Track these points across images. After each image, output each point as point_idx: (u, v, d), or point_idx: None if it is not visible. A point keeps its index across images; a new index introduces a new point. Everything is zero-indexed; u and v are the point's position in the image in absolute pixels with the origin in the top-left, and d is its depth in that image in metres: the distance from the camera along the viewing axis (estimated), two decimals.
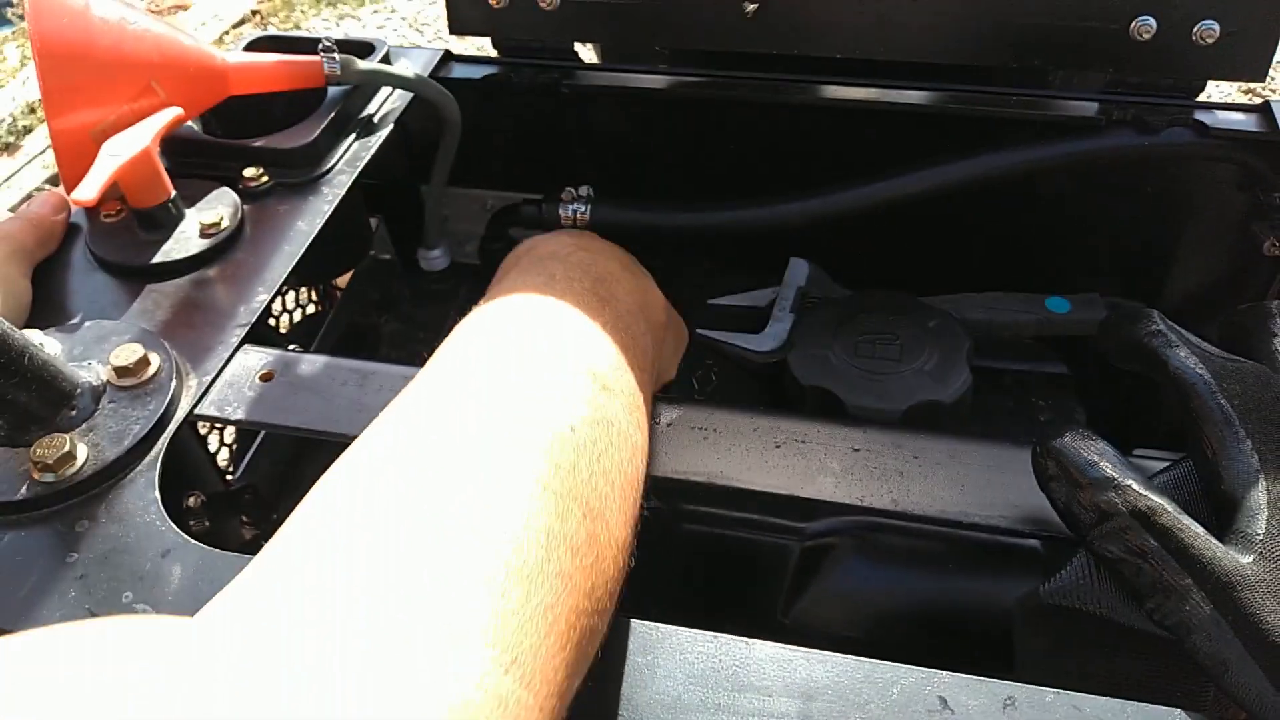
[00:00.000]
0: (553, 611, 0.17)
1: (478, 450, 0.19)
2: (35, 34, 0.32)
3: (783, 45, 0.42)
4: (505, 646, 0.16)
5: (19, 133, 1.70)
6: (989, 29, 0.40)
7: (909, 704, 0.23)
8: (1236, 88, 1.42)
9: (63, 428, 0.28)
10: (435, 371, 0.22)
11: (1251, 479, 0.24)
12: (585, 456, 0.21)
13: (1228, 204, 0.44)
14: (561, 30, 0.44)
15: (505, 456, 0.19)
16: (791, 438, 0.29)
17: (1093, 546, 0.24)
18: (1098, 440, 0.25)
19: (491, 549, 0.17)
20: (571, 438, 0.20)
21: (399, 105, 0.44)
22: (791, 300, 0.44)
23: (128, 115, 0.34)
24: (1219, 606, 0.22)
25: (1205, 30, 0.38)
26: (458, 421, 0.20)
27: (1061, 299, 0.44)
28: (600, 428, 0.22)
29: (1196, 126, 0.40)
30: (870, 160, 0.43)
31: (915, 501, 0.27)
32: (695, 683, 0.23)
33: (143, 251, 0.35)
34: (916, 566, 0.37)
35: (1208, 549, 0.23)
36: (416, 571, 0.16)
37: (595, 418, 0.22)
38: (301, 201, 0.38)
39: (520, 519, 0.18)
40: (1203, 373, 0.25)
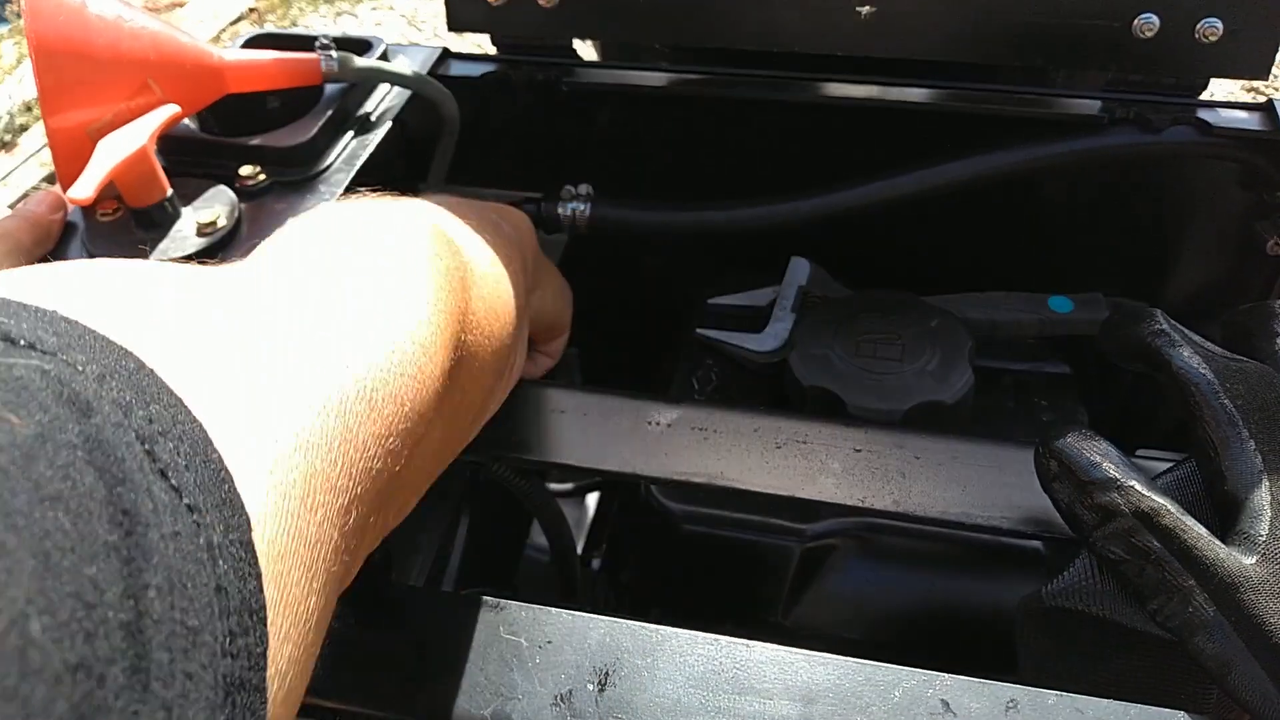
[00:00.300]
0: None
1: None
2: (31, 31, 0.32)
3: (783, 43, 0.42)
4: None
5: (15, 131, 1.69)
6: (990, 27, 0.39)
7: (911, 706, 0.22)
8: (1240, 85, 1.42)
9: None
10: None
11: (1255, 480, 0.24)
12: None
13: (1231, 203, 0.43)
14: (561, 28, 0.44)
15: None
16: (792, 438, 0.29)
17: (1095, 547, 0.24)
18: (1101, 441, 0.24)
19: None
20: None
21: (397, 103, 0.43)
22: (792, 300, 0.44)
23: (124, 113, 0.34)
24: (1222, 608, 0.22)
25: (1208, 28, 0.38)
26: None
27: (1064, 298, 0.44)
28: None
29: (1199, 125, 0.40)
30: (871, 159, 0.43)
31: (917, 502, 0.27)
32: (695, 685, 0.23)
33: (139, 250, 0.35)
34: (918, 568, 0.37)
35: (1211, 550, 0.22)
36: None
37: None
38: (299, 200, 0.37)
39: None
40: (1206, 373, 0.25)
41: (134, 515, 0.12)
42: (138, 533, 0.12)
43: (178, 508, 0.12)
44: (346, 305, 0.20)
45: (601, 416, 0.30)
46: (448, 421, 0.23)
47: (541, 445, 0.30)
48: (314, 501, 0.16)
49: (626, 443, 0.29)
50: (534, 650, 0.24)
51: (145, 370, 0.14)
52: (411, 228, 0.23)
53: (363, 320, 0.19)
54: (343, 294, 0.20)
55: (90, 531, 0.11)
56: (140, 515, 0.12)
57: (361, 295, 0.20)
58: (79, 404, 0.12)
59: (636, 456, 0.29)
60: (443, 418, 0.22)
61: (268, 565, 0.14)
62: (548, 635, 0.25)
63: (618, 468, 0.29)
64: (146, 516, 0.12)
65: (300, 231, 0.22)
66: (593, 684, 0.23)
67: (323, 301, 0.19)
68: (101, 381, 0.13)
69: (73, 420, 0.12)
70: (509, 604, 0.25)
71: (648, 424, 0.30)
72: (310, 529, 0.16)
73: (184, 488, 0.13)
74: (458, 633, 0.25)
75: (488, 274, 0.26)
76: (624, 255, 0.54)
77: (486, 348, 0.25)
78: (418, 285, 0.21)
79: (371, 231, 0.23)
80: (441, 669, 0.24)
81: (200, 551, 0.13)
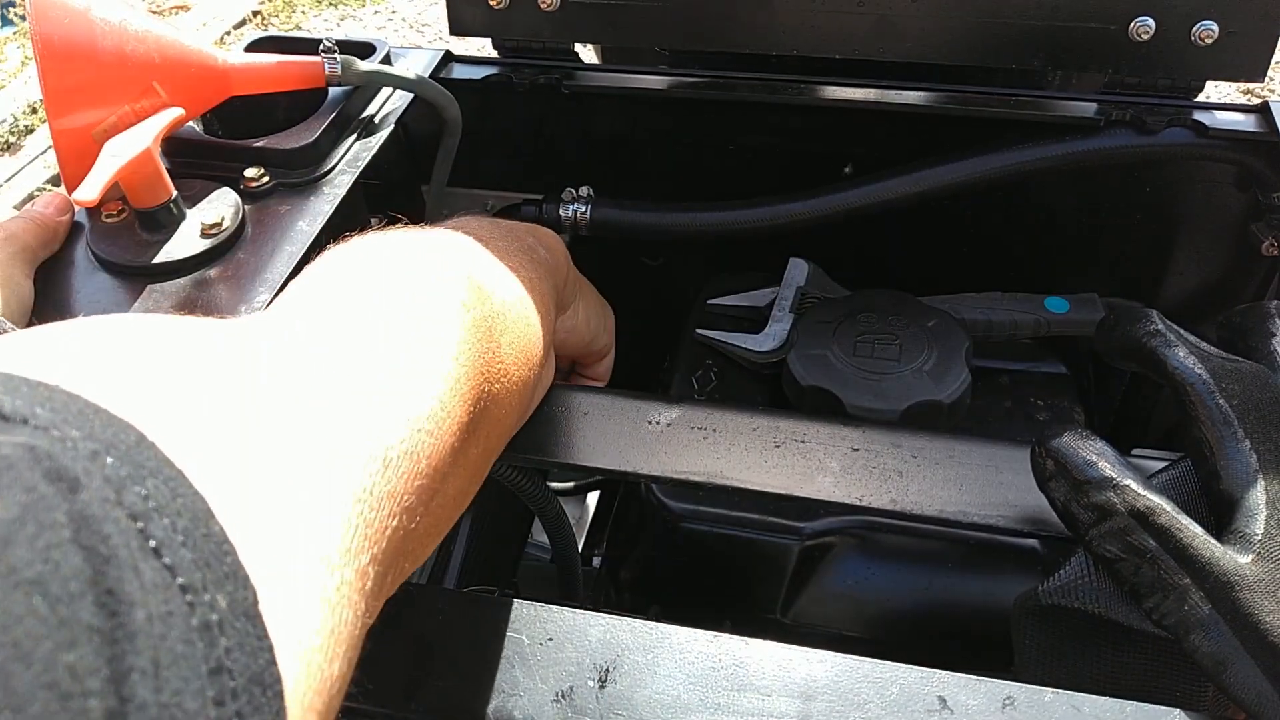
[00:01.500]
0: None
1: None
2: (37, 34, 0.32)
3: (783, 46, 0.42)
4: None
5: (20, 132, 1.70)
6: (988, 30, 0.40)
7: (908, 703, 0.23)
8: (1235, 88, 1.42)
9: None
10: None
11: (1250, 479, 0.24)
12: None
13: (1226, 204, 0.44)
14: (562, 31, 0.44)
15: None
16: (791, 437, 0.29)
17: (1091, 546, 0.24)
18: (1096, 440, 0.25)
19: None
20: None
21: (400, 106, 0.44)
22: (791, 300, 0.44)
23: (129, 116, 0.35)
24: (1217, 606, 0.22)
25: (1204, 31, 0.38)
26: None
27: (1060, 299, 0.44)
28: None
29: (1195, 127, 0.40)
30: (869, 160, 0.43)
31: (914, 501, 0.27)
32: (695, 682, 0.23)
33: (144, 251, 0.35)
34: (916, 566, 0.37)
35: (1206, 549, 0.23)
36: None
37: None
38: (303, 202, 0.38)
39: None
40: (1201, 373, 0.25)
41: (119, 596, 0.11)
42: (122, 613, 0.11)
43: (169, 587, 0.12)
44: (369, 364, 0.19)
45: (602, 416, 0.30)
46: (466, 472, 0.22)
47: (542, 444, 0.30)
48: (331, 567, 0.16)
49: (627, 442, 0.29)
50: (535, 647, 0.24)
51: (145, 444, 0.13)
52: (444, 277, 0.23)
53: (385, 381, 0.19)
54: (365, 352, 0.19)
55: (71, 615, 0.11)
56: (126, 595, 0.11)
57: (385, 352, 0.19)
58: (67, 480, 0.12)
59: (636, 455, 0.29)
60: (461, 469, 0.22)
61: (282, 639, 0.14)
62: (549, 632, 0.25)
63: (618, 466, 0.29)
64: (133, 596, 0.11)
65: (328, 279, 0.22)
66: (593, 681, 0.23)
67: (343, 361, 0.19)
68: (94, 458, 0.12)
69: (60, 498, 0.11)
70: (510, 601, 0.26)
71: (648, 423, 0.30)
72: (329, 594, 0.15)
73: (178, 565, 0.12)
74: (460, 630, 0.25)
75: (518, 318, 0.25)
76: (624, 256, 0.54)
77: (512, 393, 0.24)
78: (445, 341, 0.21)
79: (402, 281, 0.22)
80: (443, 666, 0.24)
81: (192, 633, 0.12)
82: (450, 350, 0.21)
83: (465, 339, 0.22)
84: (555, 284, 0.30)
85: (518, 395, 0.25)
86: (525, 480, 0.37)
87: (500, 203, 0.50)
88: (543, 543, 0.50)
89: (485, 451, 0.24)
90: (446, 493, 0.21)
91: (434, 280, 0.23)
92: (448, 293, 0.22)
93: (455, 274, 0.23)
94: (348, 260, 0.23)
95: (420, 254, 0.24)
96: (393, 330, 0.20)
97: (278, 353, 0.18)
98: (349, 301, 0.21)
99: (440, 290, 0.22)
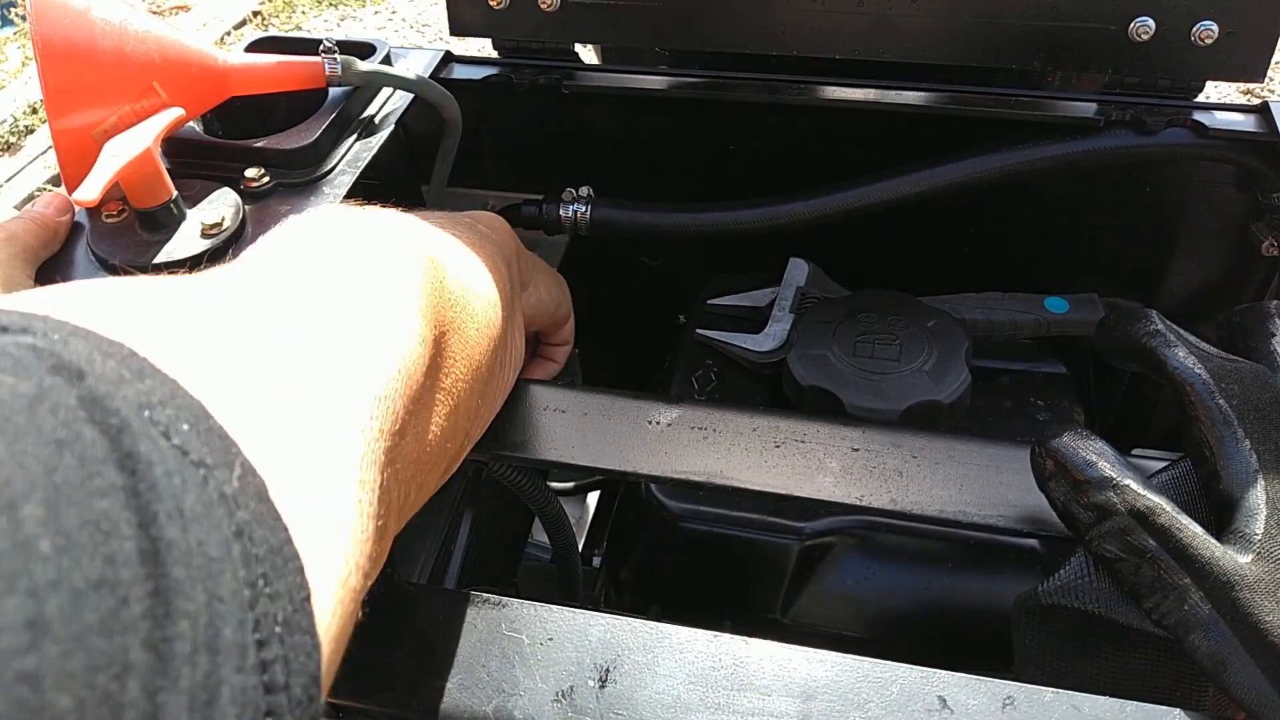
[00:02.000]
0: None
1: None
2: (37, 35, 0.32)
3: (783, 46, 0.42)
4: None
5: (21, 133, 1.70)
6: (988, 30, 0.40)
7: (908, 703, 0.23)
8: (1235, 88, 1.42)
9: None
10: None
11: (1250, 479, 0.24)
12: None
13: (1226, 204, 0.44)
14: (562, 31, 0.44)
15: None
16: (791, 437, 0.29)
17: (1091, 546, 0.24)
18: (1096, 440, 0.25)
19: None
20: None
21: (400, 106, 0.44)
22: (791, 300, 0.44)
23: (129, 116, 0.35)
24: (1217, 606, 0.22)
25: (1204, 31, 0.38)
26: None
27: (1060, 299, 0.44)
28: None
29: (1195, 127, 0.40)
30: (869, 160, 0.43)
31: (914, 501, 0.27)
32: (695, 682, 0.23)
33: (144, 252, 0.35)
34: (916, 566, 0.37)
35: (1206, 548, 0.23)
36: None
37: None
38: (303, 202, 0.38)
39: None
40: (1201, 373, 0.25)
41: (137, 458, 0.12)
42: (141, 472, 0.12)
43: (182, 459, 0.13)
44: (348, 311, 0.20)
45: (601, 416, 0.30)
46: (445, 407, 0.24)
47: (542, 444, 0.30)
48: (336, 467, 0.16)
49: (626, 442, 0.29)
50: (535, 647, 0.24)
51: (137, 356, 0.14)
52: (402, 248, 0.24)
53: (366, 325, 0.20)
54: (344, 301, 0.21)
55: (96, 472, 0.11)
56: (143, 456, 0.12)
57: (362, 303, 0.21)
58: (72, 371, 0.12)
59: (636, 455, 0.29)
60: (441, 400, 0.23)
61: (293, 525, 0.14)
62: (549, 632, 0.25)
63: (618, 466, 0.29)
64: (151, 457, 0.12)
65: (304, 236, 0.23)
66: (593, 680, 0.23)
67: (326, 307, 0.20)
68: (91, 361, 0.13)
69: (68, 385, 0.12)
70: (510, 601, 0.26)
71: (647, 423, 0.30)
72: (339, 491, 0.16)
73: (187, 445, 0.13)
74: (460, 630, 0.25)
75: (469, 284, 0.27)
76: (624, 256, 0.54)
77: (473, 343, 0.26)
78: (408, 301, 0.22)
79: (368, 249, 0.23)
80: (444, 666, 0.24)
81: (211, 495, 0.13)
82: (414, 306, 0.22)
83: (425, 295, 0.23)
84: (508, 260, 0.32)
85: (480, 345, 0.26)
86: (525, 480, 0.37)
87: (500, 203, 0.50)
88: (543, 543, 0.50)
89: (460, 390, 0.25)
90: (434, 421, 0.23)
91: (394, 248, 0.24)
92: (408, 262, 0.24)
93: (412, 248, 0.25)
94: (312, 229, 0.24)
95: (380, 227, 0.25)
96: (363, 288, 0.22)
97: (263, 298, 0.19)
98: (324, 260, 0.22)
99: (401, 259, 0.24)
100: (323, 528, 0.15)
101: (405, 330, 0.21)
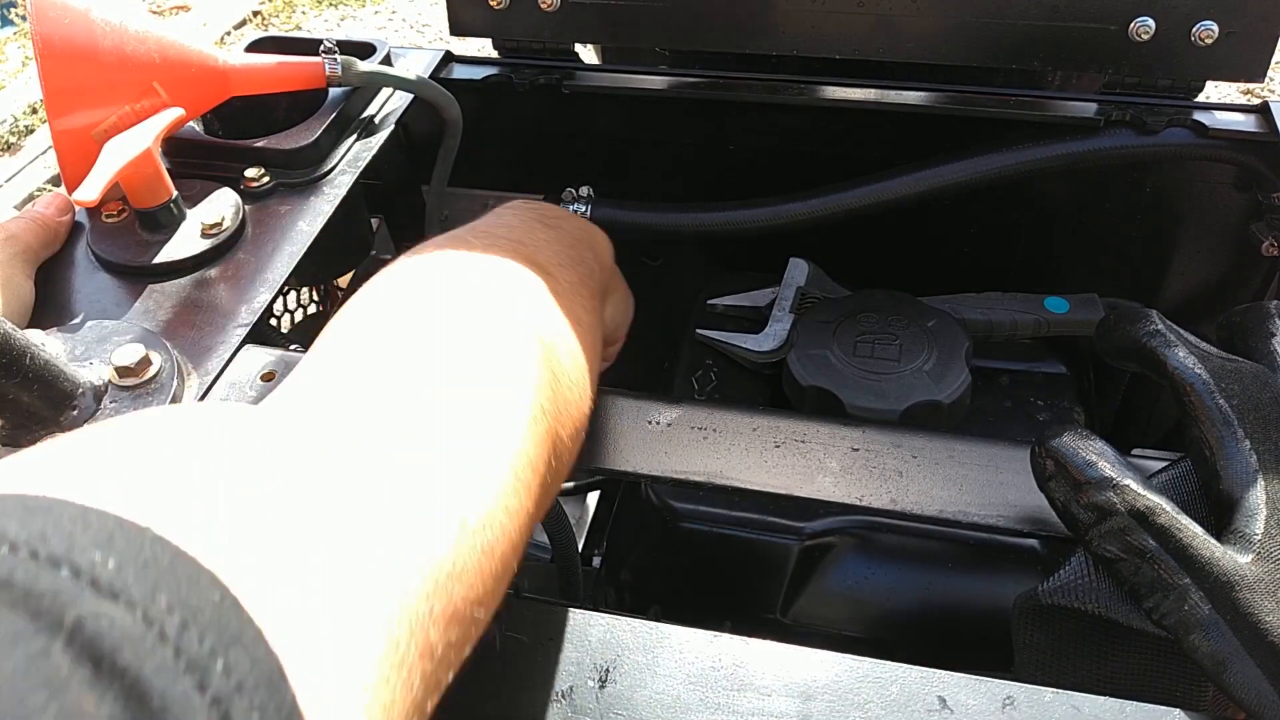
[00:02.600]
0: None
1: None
2: (38, 35, 0.32)
3: (783, 46, 0.42)
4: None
5: (21, 133, 1.70)
6: (987, 30, 0.40)
7: (908, 703, 0.23)
8: (1235, 88, 1.42)
9: (65, 428, 0.28)
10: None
11: (1250, 479, 0.24)
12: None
13: (1226, 204, 0.44)
14: (562, 31, 0.44)
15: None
16: (791, 437, 0.29)
17: (1091, 546, 0.24)
18: (1096, 440, 0.25)
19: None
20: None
21: (400, 106, 0.44)
22: (791, 300, 0.44)
23: (129, 116, 0.35)
24: (1217, 606, 0.22)
25: (1204, 31, 0.38)
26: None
27: (1060, 299, 0.44)
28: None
29: (1195, 127, 0.40)
30: (869, 161, 0.43)
31: (914, 501, 0.27)
32: (695, 682, 0.23)
33: (144, 252, 0.35)
34: (915, 566, 0.37)
35: (1206, 548, 0.23)
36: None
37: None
38: (303, 202, 0.38)
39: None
40: (1201, 373, 0.25)
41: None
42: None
43: None
44: (444, 459, 0.18)
45: (602, 416, 0.30)
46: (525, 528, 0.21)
47: None
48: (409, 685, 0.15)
49: (627, 442, 0.29)
50: (535, 647, 0.24)
51: (228, 603, 0.13)
52: (513, 339, 0.21)
53: (461, 472, 0.18)
54: (437, 447, 0.18)
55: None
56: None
57: (459, 444, 0.18)
58: (151, 710, 0.11)
59: (636, 455, 0.29)
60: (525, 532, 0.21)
61: None
62: (548, 632, 0.25)
63: (618, 466, 0.29)
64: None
65: (379, 333, 0.20)
66: (593, 680, 0.23)
67: (417, 459, 0.17)
68: (182, 631, 0.12)
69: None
70: (510, 601, 0.26)
71: (648, 423, 0.30)
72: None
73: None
74: None
75: (575, 383, 0.23)
76: (624, 256, 0.54)
77: (570, 442, 0.23)
78: (519, 416, 0.19)
79: (470, 350, 0.20)
80: None
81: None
82: (523, 428, 0.20)
83: (537, 414, 0.20)
84: (601, 289, 0.29)
85: (574, 440, 0.24)
86: None
87: (500, 203, 0.50)
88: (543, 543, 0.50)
89: (543, 506, 0.22)
90: (511, 566, 0.20)
91: (503, 347, 0.21)
92: (520, 363, 0.21)
93: (526, 337, 0.21)
94: (398, 306, 0.21)
95: (482, 311, 0.22)
96: (465, 418, 0.19)
97: (337, 455, 0.17)
98: (416, 383, 0.19)
99: (512, 360, 0.20)
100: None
101: (520, 488, 0.18)
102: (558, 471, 0.22)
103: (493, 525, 0.18)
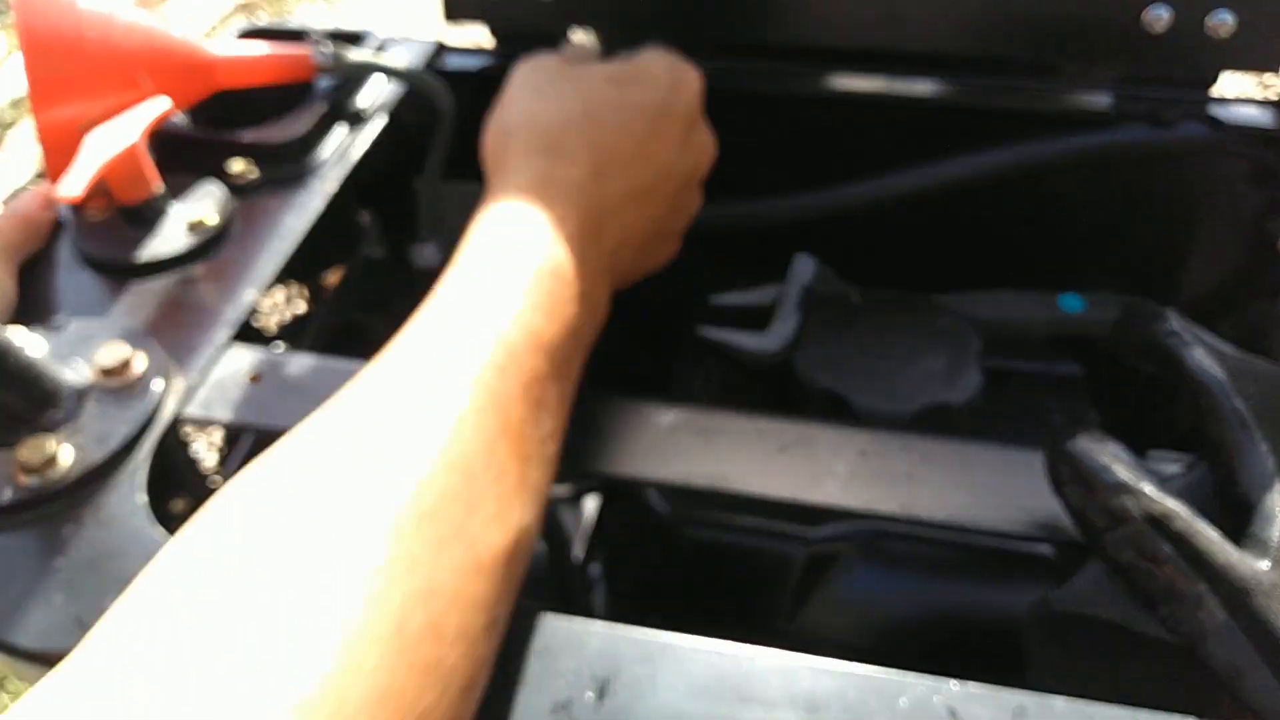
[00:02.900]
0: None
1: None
2: (22, 26, 0.31)
3: (789, 36, 0.41)
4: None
5: (4, 126, 1.68)
6: (1000, 20, 0.39)
7: (917, 714, 0.22)
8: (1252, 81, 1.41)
9: (47, 428, 0.27)
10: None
11: (1268, 483, 0.23)
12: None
13: (1242, 201, 0.43)
14: (559, 17, 0.43)
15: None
16: (797, 440, 0.28)
17: (1106, 552, 0.23)
18: (1112, 443, 0.24)
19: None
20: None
21: (391, 97, 0.43)
22: (797, 298, 0.43)
23: (115, 109, 0.34)
24: (1234, 613, 0.22)
25: (1219, 21, 0.37)
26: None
27: (1075, 297, 0.43)
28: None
29: (1211, 121, 0.39)
30: (877, 154, 0.42)
31: (924, 506, 0.27)
32: (697, 694, 0.23)
33: (129, 248, 0.34)
34: (925, 573, 0.36)
35: (1223, 554, 0.22)
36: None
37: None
38: (291, 196, 0.37)
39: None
40: (1218, 373, 0.24)
41: None
42: None
43: None
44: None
45: (601, 418, 0.30)
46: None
47: None
48: None
49: (627, 445, 0.29)
50: (531, 658, 0.24)
51: None
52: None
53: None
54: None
55: None
56: None
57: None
58: None
59: (637, 459, 0.28)
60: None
61: None
62: (545, 642, 0.24)
63: (618, 470, 0.28)
64: None
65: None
66: (591, 693, 0.23)
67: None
68: None
69: None
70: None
71: (648, 426, 0.29)
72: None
73: None
74: None
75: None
76: None
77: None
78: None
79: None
80: None
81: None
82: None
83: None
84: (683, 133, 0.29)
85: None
86: None
87: None
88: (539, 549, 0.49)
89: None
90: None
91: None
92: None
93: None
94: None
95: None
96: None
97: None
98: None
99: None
100: None
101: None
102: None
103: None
